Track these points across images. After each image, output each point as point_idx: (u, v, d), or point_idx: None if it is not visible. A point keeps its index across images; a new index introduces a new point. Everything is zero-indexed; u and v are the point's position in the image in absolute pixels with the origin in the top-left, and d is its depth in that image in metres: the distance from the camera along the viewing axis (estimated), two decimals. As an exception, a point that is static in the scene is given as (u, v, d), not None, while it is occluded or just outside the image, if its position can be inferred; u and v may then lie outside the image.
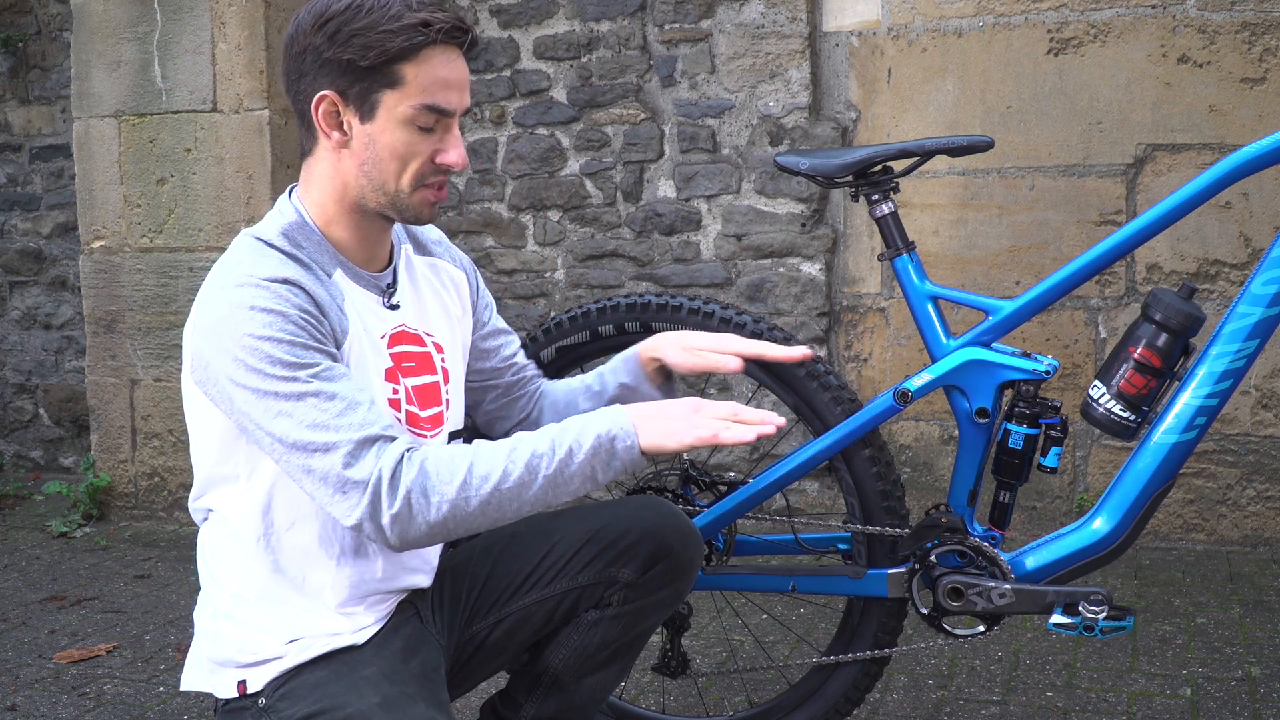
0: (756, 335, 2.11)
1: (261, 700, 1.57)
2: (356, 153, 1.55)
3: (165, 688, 2.78)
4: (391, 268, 1.68)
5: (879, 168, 2.08)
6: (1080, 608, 1.92)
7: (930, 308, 2.06)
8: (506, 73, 4.20)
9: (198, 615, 1.67)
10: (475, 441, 1.52)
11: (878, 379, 3.86)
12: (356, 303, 1.60)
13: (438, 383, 1.69)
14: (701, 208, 4.00)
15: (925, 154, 2.06)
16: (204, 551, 1.66)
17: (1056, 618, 1.93)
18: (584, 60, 4.09)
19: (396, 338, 1.65)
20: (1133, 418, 1.92)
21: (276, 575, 1.59)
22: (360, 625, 1.61)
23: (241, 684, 1.59)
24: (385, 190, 1.56)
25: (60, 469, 5.04)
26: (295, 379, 1.44)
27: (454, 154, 1.55)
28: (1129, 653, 2.77)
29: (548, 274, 4.19)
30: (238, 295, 1.46)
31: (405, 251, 1.73)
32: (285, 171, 4.10)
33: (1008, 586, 1.97)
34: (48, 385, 5.04)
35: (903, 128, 3.79)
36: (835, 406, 2.08)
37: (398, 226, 1.71)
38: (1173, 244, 3.55)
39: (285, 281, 1.49)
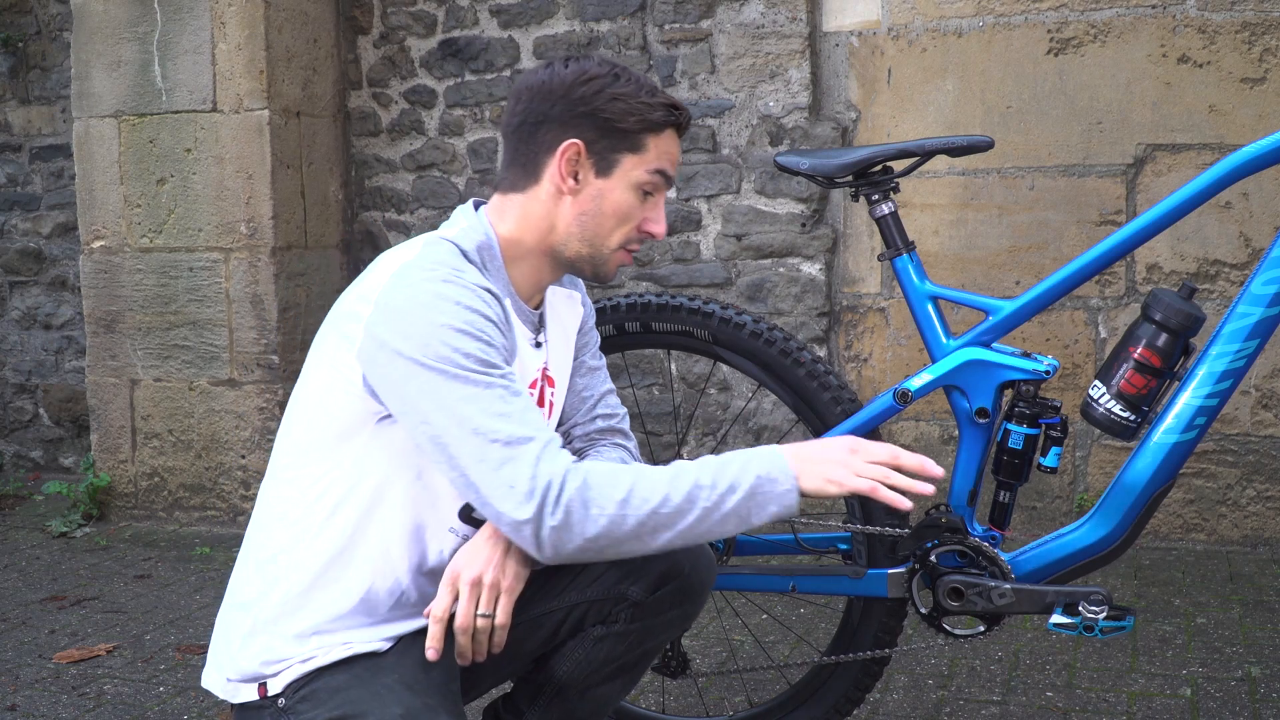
0: (756, 335, 2.11)
1: (281, 701, 1.58)
2: (580, 202, 1.64)
3: (165, 688, 2.78)
4: (541, 309, 1.75)
5: (879, 168, 2.08)
6: (1080, 608, 1.92)
7: (930, 308, 2.06)
8: (506, 73, 4.20)
9: (222, 624, 1.66)
10: (635, 464, 1.56)
11: (878, 379, 3.86)
12: (515, 333, 1.67)
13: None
14: (701, 208, 4.00)
15: (925, 154, 2.06)
16: (264, 531, 1.65)
17: (1056, 618, 1.93)
18: (584, 60, 4.09)
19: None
20: (1133, 418, 1.92)
21: (337, 566, 1.58)
22: (383, 635, 1.61)
23: (262, 686, 1.59)
24: (593, 243, 1.65)
25: (60, 469, 5.04)
26: (487, 373, 1.49)
27: (660, 225, 1.68)
28: (1129, 653, 2.77)
29: (548, 274, 4.19)
30: (443, 288, 1.51)
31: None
32: (285, 171, 4.10)
33: (1008, 586, 1.96)
34: (48, 385, 5.04)
35: (903, 128, 3.79)
36: (835, 406, 2.08)
37: None
38: (1173, 244, 3.55)
39: (487, 289, 1.56)
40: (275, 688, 1.58)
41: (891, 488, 1.52)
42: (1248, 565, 3.39)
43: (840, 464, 1.53)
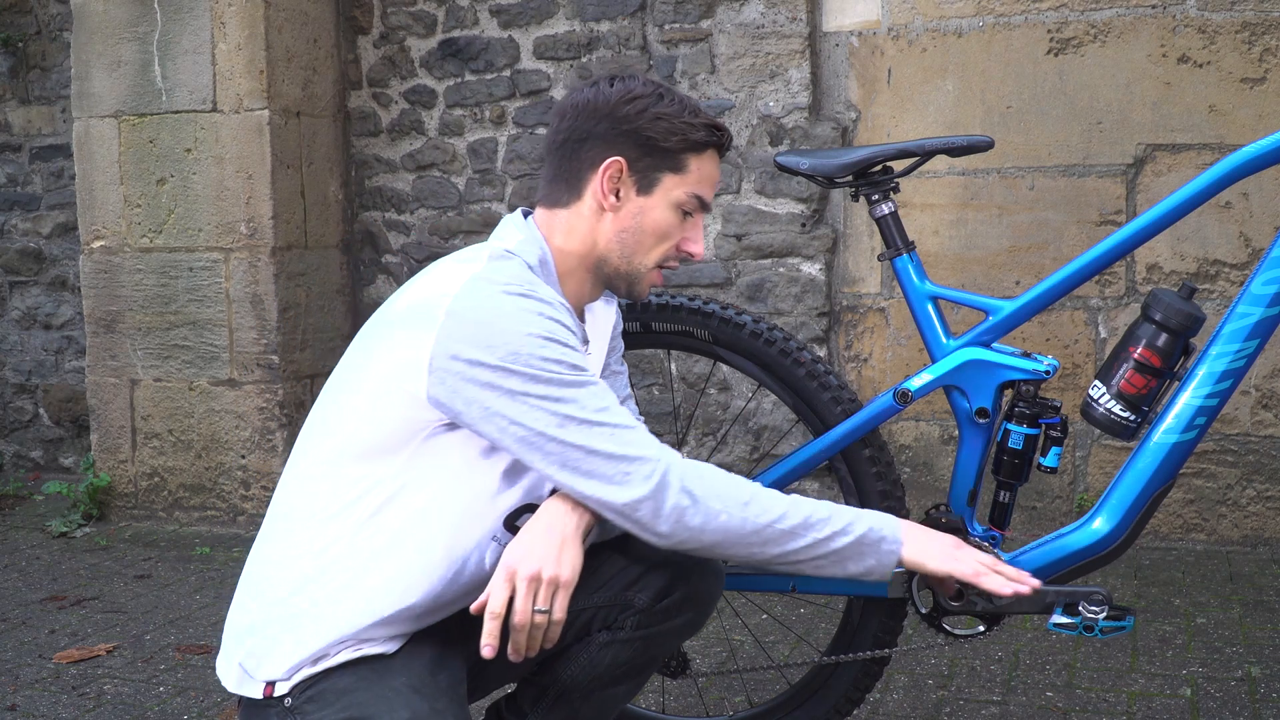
0: (756, 335, 2.11)
1: (288, 701, 1.57)
2: (621, 219, 1.68)
3: (165, 688, 2.78)
4: (583, 323, 1.77)
5: (879, 168, 2.08)
6: (1080, 608, 1.91)
7: (930, 308, 2.06)
8: (506, 73, 4.20)
9: (236, 616, 1.65)
10: (753, 481, 1.62)
11: (878, 379, 3.86)
12: None
13: None
14: (701, 208, 4.00)
15: (925, 154, 2.06)
16: (289, 528, 1.62)
17: (1056, 618, 1.93)
18: (584, 60, 4.09)
19: None
20: (1133, 418, 1.92)
21: (373, 569, 1.57)
22: (394, 635, 1.61)
23: (269, 685, 1.58)
24: (631, 260, 1.70)
25: (60, 469, 5.04)
26: (578, 375, 1.54)
27: (698, 245, 1.73)
28: (1129, 653, 2.77)
29: (548, 274, 4.19)
30: (523, 301, 1.54)
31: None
32: (285, 171, 4.10)
33: (1008, 586, 1.96)
34: (48, 385, 5.04)
35: (903, 128, 3.79)
36: (835, 406, 2.08)
37: None
38: (1173, 244, 3.55)
39: (561, 303, 1.61)
40: (283, 688, 1.58)
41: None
42: (1248, 565, 3.39)
43: (945, 548, 1.68)
